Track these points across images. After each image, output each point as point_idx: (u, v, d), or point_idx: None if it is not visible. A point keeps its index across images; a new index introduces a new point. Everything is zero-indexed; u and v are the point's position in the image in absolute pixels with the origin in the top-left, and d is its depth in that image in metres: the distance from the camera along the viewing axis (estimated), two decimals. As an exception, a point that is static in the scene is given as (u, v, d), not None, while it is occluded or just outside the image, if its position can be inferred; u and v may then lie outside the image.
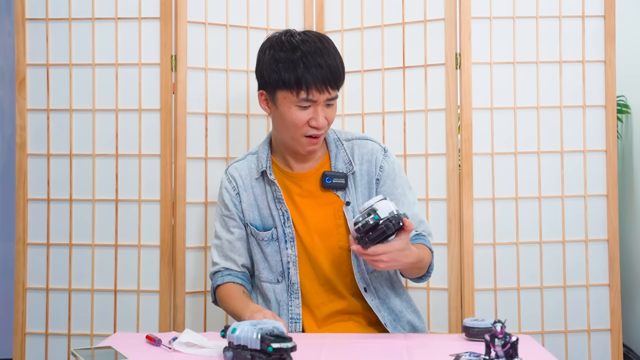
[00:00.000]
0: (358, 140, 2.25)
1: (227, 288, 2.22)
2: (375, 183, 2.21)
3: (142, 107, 2.75)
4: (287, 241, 2.18)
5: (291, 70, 2.06)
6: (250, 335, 1.58)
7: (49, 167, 2.76)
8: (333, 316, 2.19)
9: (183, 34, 2.72)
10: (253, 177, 2.24)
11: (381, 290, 2.21)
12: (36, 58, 2.77)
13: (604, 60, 2.78)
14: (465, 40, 2.75)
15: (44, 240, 2.75)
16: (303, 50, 2.06)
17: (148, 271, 2.73)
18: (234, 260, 2.26)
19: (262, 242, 2.22)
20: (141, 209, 2.74)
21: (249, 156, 2.30)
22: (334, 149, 2.23)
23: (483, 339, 1.59)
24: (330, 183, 2.17)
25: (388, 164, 2.22)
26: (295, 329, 2.16)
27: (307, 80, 2.04)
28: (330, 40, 2.14)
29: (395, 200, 2.16)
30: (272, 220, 2.20)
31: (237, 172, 2.27)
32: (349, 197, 2.18)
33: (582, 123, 2.78)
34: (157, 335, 1.86)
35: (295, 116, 2.10)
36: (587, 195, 2.78)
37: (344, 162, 2.20)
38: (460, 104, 2.76)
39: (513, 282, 2.76)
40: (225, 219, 2.27)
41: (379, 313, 2.17)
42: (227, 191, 2.26)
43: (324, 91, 2.06)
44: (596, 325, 2.77)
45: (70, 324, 2.74)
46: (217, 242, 2.29)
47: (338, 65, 2.08)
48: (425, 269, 2.17)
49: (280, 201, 2.19)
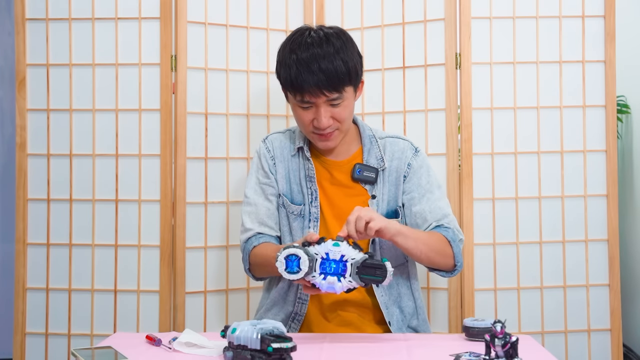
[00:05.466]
0: (391, 139, 2.29)
1: (265, 245, 2.19)
2: (402, 180, 2.23)
3: (142, 107, 2.75)
4: (311, 220, 2.19)
5: (287, 73, 2.10)
6: (250, 335, 1.57)
7: (49, 167, 2.76)
8: (340, 305, 2.18)
9: (183, 34, 2.72)
10: (289, 153, 2.27)
11: (395, 287, 2.21)
12: (36, 58, 2.76)
13: (604, 60, 2.78)
14: (465, 40, 2.75)
15: (44, 241, 2.75)
16: (298, 54, 2.08)
17: (148, 271, 2.73)
18: (270, 227, 2.24)
19: (290, 216, 2.23)
20: (141, 209, 2.74)
21: (288, 132, 2.33)
22: (368, 144, 2.25)
23: (483, 339, 1.58)
24: (359, 175, 2.19)
25: (417, 161, 2.25)
26: (301, 310, 2.17)
27: (300, 84, 2.07)
28: (340, 41, 2.12)
29: (421, 196, 2.20)
30: (302, 197, 2.22)
31: (276, 143, 2.29)
32: (376, 191, 2.21)
33: (582, 123, 2.78)
34: (157, 335, 1.86)
35: (299, 115, 2.15)
36: (587, 195, 2.78)
37: (376, 158, 2.23)
38: (460, 104, 2.76)
39: (513, 282, 2.76)
40: (263, 186, 2.26)
41: (385, 310, 2.16)
42: (266, 159, 2.27)
43: (319, 95, 2.08)
44: (596, 325, 2.78)
45: (70, 324, 2.74)
46: (251, 208, 2.26)
47: (336, 69, 2.07)
48: (446, 254, 2.13)
49: (311, 180, 2.22)
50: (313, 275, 1.80)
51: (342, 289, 1.80)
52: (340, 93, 2.10)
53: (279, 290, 2.22)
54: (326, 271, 1.79)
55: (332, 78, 2.07)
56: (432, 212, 2.19)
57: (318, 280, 1.80)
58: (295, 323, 2.19)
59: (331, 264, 1.79)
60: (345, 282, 1.79)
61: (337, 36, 2.13)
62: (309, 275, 1.79)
